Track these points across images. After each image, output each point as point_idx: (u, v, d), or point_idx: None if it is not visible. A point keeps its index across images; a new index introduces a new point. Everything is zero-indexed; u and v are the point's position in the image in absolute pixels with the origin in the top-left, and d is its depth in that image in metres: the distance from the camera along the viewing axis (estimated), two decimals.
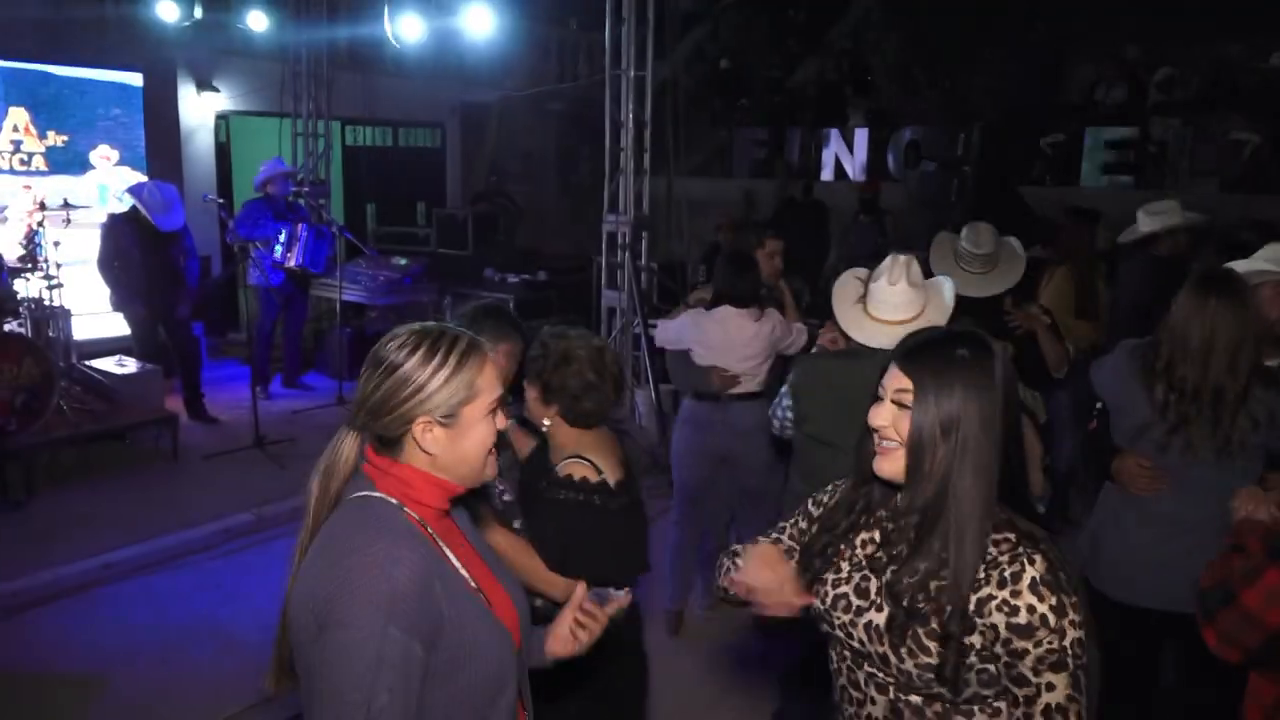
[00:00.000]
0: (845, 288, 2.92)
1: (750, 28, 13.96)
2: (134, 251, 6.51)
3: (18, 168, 7.34)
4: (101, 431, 6.02)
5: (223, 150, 9.79)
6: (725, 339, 4.09)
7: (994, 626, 1.48)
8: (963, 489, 1.51)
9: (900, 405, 1.56)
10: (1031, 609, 1.46)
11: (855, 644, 1.63)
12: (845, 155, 11.27)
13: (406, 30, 8.30)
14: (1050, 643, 1.46)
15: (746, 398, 4.11)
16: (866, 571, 1.65)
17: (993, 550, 1.52)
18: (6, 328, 5.71)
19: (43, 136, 7.50)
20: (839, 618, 1.64)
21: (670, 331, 4.31)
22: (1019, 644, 1.47)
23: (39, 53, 8.87)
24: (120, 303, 6.70)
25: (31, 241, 6.24)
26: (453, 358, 1.49)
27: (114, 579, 4.66)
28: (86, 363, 6.79)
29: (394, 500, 1.51)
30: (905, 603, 1.55)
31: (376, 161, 10.83)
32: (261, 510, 5.35)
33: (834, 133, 11.39)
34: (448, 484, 1.55)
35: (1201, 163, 9.22)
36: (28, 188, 7.24)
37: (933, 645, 1.52)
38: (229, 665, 3.96)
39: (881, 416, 1.59)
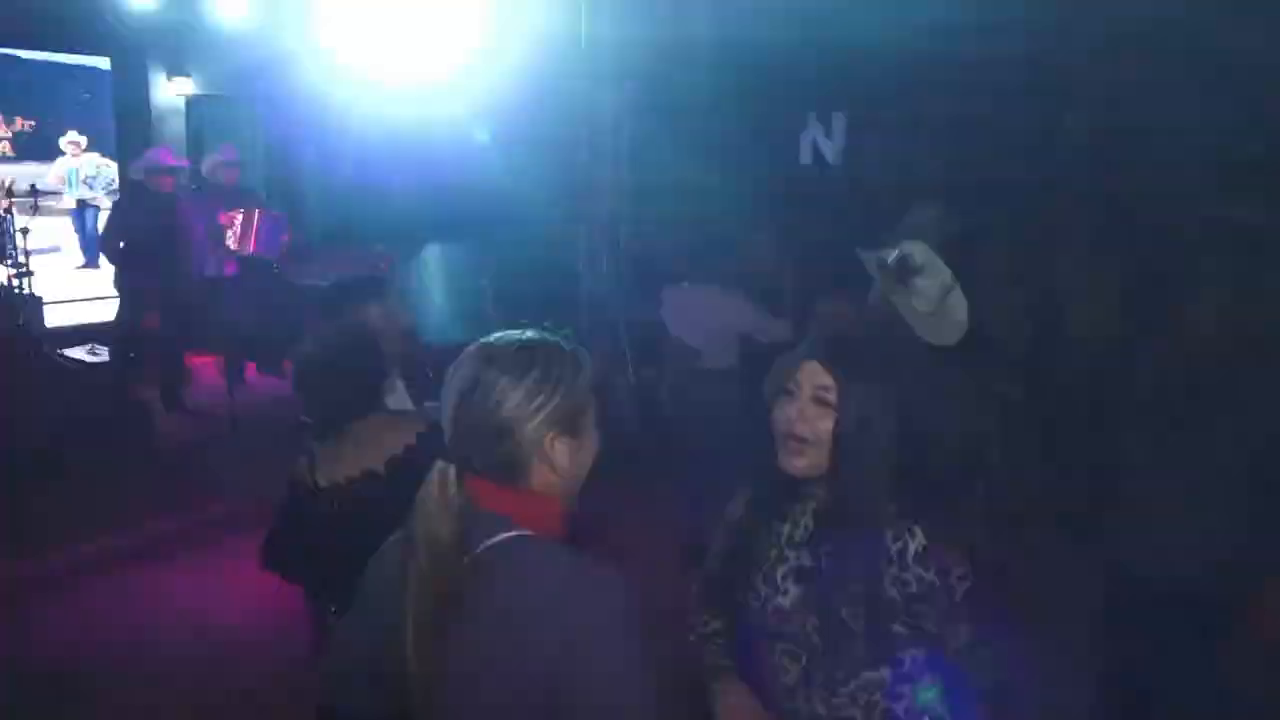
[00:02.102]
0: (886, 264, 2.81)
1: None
2: (139, 232, 6.43)
3: None
4: (75, 421, 5.93)
5: (195, 135, 9.65)
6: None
7: (894, 600, 1.65)
8: (877, 477, 1.64)
9: (821, 402, 1.64)
10: (920, 579, 1.63)
11: (771, 625, 1.76)
12: (823, 141, 11.25)
13: None
14: (944, 603, 1.64)
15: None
16: (775, 560, 1.76)
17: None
18: None
19: (9, 122, 7.38)
20: (754, 602, 1.77)
21: None
22: (917, 608, 1.65)
23: (4, 37, 8.71)
24: (128, 280, 6.59)
25: None
26: (570, 362, 1.43)
27: (89, 571, 4.61)
28: (59, 351, 6.70)
29: (543, 536, 1.40)
30: (832, 601, 1.66)
31: None
32: (240, 500, 5.29)
33: (811, 117, 11.36)
34: (566, 512, 1.47)
35: None
36: None
37: (857, 629, 1.67)
38: (208, 656, 3.94)
39: (798, 413, 1.66)
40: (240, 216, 7.05)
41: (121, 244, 6.44)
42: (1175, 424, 2.65)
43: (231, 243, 7.03)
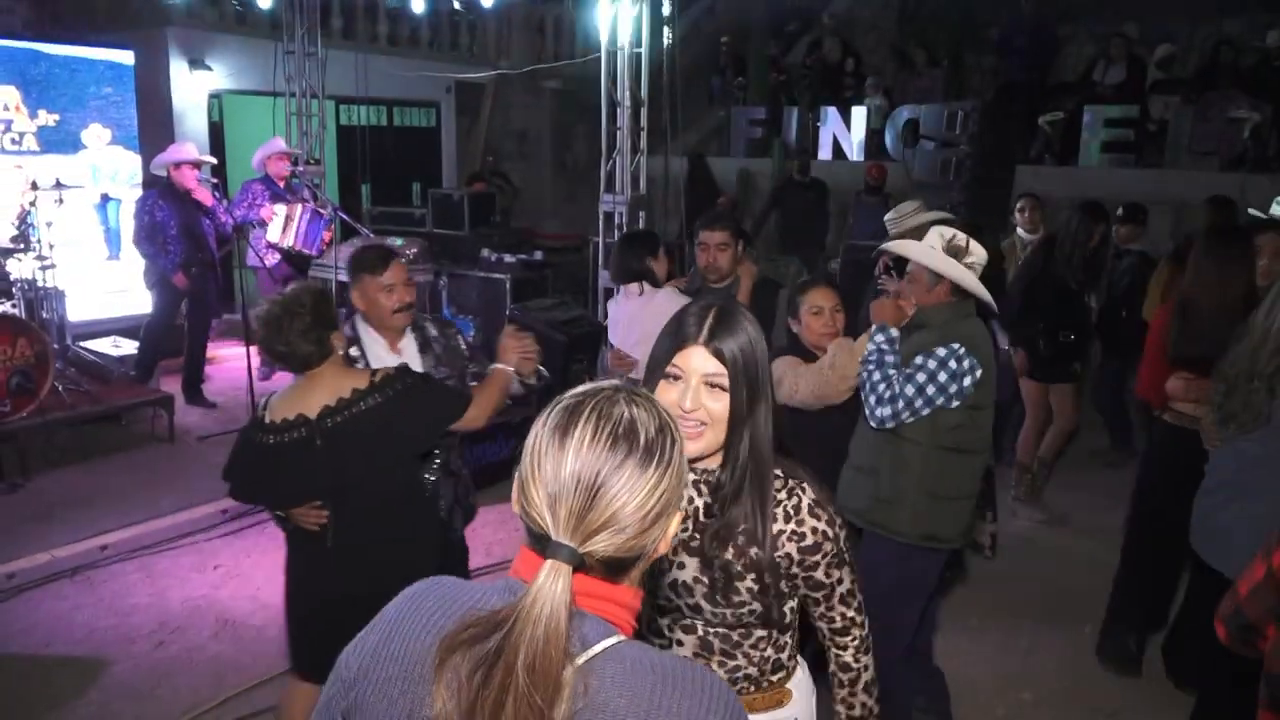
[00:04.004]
0: (936, 249, 2.95)
1: (748, 5, 13.86)
2: (171, 223, 6.48)
3: (9, 147, 7.27)
4: (97, 413, 6.00)
5: (216, 130, 9.72)
6: (615, 317, 4.10)
7: (788, 555, 1.73)
8: (765, 449, 1.69)
9: (713, 386, 1.64)
10: (815, 529, 1.73)
11: (661, 601, 1.77)
12: (843, 134, 11.20)
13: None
14: (832, 549, 1.75)
15: None
16: None
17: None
18: None
19: (34, 116, 7.42)
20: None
21: None
22: (811, 559, 1.74)
23: (29, 31, 8.79)
24: (160, 276, 6.61)
25: (24, 222, 6.19)
26: (674, 429, 1.17)
27: (112, 560, 4.66)
28: (81, 344, 6.76)
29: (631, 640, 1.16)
30: (718, 561, 1.70)
31: (371, 141, 10.75)
32: None
33: (832, 111, 11.32)
34: None
35: (1201, 142, 9.18)
36: (19, 167, 7.18)
37: (746, 593, 1.72)
38: (227, 646, 3.97)
39: (691, 399, 1.64)
40: (282, 211, 7.10)
41: (148, 238, 6.48)
42: None
43: (274, 236, 7.08)
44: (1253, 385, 2.75)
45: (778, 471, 1.74)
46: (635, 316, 3.94)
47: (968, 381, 2.84)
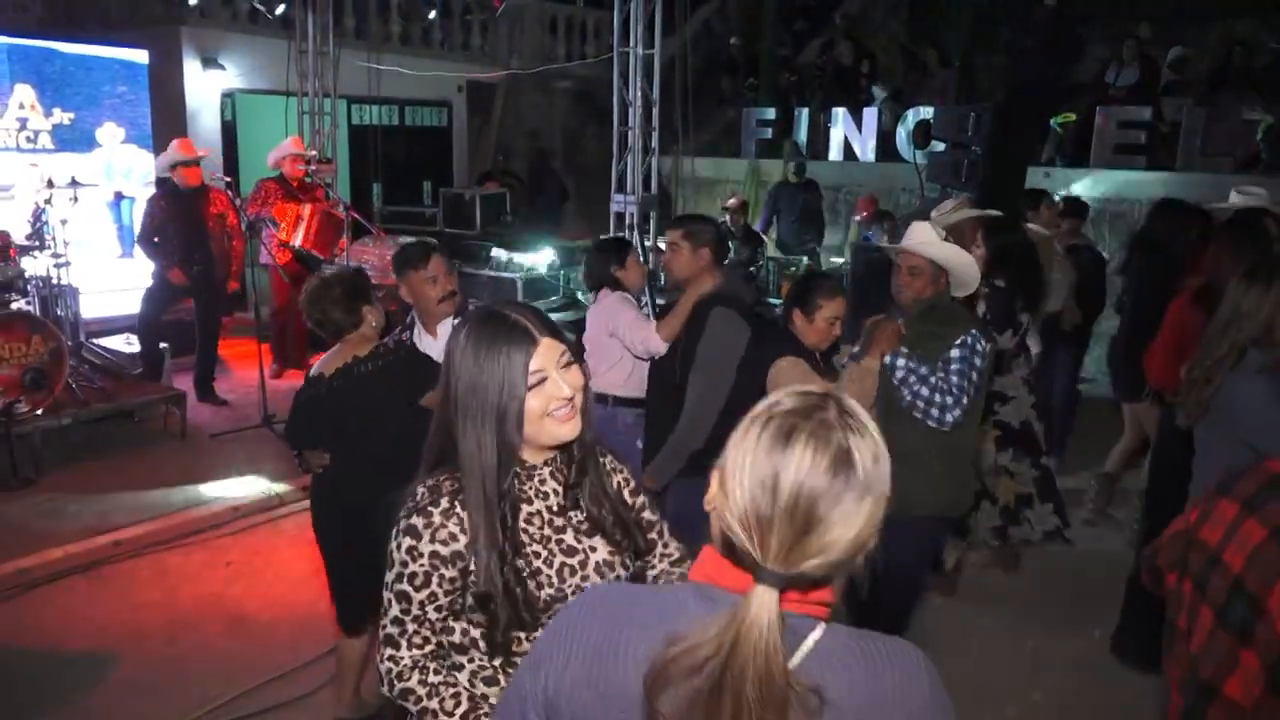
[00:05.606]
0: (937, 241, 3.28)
1: (759, 5, 13.85)
2: (169, 227, 6.50)
3: (24, 145, 7.32)
4: (110, 410, 6.03)
5: (229, 128, 9.77)
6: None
7: (626, 501, 1.83)
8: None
9: (568, 365, 1.67)
10: (629, 472, 1.88)
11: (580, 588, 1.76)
12: (854, 135, 11.17)
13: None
14: (642, 489, 1.92)
15: (614, 401, 4.02)
16: (555, 535, 1.73)
17: None
18: (14, 306, 5.72)
19: (49, 114, 7.47)
20: (570, 585, 1.70)
21: None
22: (639, 500, 1.88)
23: (44, 29, 8.85)
24: (160, 273, 6.65)
25: (39, 220, 6.23)
26: None
27: (123, 556, 4.68)
28: (95, 341, 6.80)
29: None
30: (612, 520, 1.76)
31: (383, 140, 10.79)
32: (271, 488, 5.36)
33: (843, 112, 11.29)
34: None
35: (1214, 143, 9.13)
36: (34, 165, 7.22)
37: (640, 533, 1.85)
38: (238, 643, 3.99)
39: (567, 384, 1.65)
40: (294, 210, 7.11)
41: (155, 238, 6.52)
42: None
43: (284, 234, 7.10)
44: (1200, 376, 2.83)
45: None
46: (588, 323, 4.08)
47: (989, 357, 3.21)
